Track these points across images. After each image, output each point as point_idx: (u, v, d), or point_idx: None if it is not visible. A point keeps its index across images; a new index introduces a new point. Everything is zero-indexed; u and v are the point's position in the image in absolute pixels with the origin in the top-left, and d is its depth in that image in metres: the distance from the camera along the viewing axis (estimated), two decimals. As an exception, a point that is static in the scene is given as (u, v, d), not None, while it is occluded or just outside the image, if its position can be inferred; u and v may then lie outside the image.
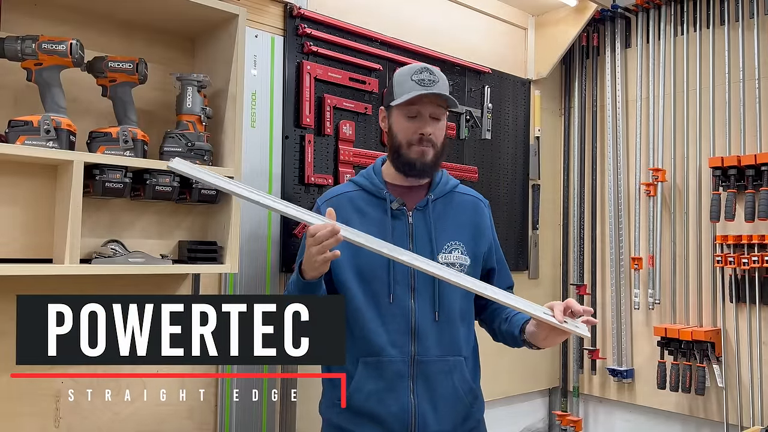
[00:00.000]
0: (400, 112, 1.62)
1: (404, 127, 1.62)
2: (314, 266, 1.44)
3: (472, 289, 1.52)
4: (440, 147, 1.63)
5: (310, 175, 2.19)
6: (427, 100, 1.59)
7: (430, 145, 1.61)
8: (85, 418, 1.74)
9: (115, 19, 1.81)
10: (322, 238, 1.39)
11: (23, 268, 1.49)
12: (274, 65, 2.14)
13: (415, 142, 1.60)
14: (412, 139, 1.60)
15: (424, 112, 1.60)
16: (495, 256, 1.75)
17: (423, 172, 1.63)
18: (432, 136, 1.60)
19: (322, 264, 1.43)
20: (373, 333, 1.57)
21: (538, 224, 3.08)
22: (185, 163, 1.43)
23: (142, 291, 1.85)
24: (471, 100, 2.77)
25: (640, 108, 2.99)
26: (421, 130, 1.59)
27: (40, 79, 1.56)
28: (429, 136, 1.60)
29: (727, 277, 2.66)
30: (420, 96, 1.58)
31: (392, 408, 1.56)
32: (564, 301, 1.50)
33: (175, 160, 1.42)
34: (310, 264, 1.45)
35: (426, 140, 1.60)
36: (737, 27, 2.70)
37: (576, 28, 2.94)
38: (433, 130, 1.60)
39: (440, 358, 1.59)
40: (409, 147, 1.61)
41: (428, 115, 1.60)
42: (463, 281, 1.51)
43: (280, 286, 2.13)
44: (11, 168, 1.62)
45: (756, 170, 2.53)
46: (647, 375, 2.89)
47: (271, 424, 2.08)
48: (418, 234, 1.63)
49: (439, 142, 1.63)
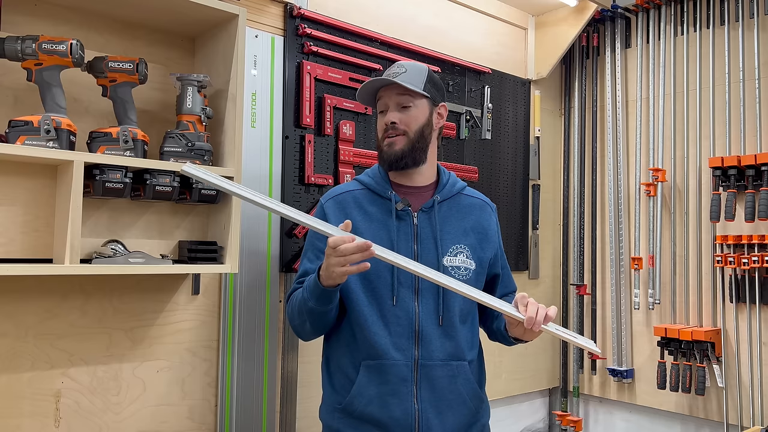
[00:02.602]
0: (377, 112, 1.69)
1: (378, 123, 1.68)
2: (332, 276, 1.42)
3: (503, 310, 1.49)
4: (414, 134, 1.63)
5: (311, 175, 2.19)
6: (389, 92, 1.64)
7: (398, 134, 1.62)
8: (85, 418, 1.74)
9: (115, 19, 1.81)
10: (346, 252, 1.37)
11: (23, 268, 1.48)
12: (274, 65, 2.14)
13: (383, 133, 1.64)
14: (383, 132, 1.65)
15: (389, 103, 1.64)
16: (501, 261, 1.74)
17: (394, 163, 1.63)
18: (398, 124, 1.61)
19: (340, 276, 1.42)
20: (376, 336, 1.54)
21: (538, 224, 3.08)
22: (197, 168, 1.44)
23: (143, 291, 1.85)
24: (471, 100, 2.77)
25: (640, 108, 2.99)
26: (385, 120, 1.63)
27: (40, 79, 1.56)
28: (392, 124, 1.61)
29: (727, 277, 2.66)
30: (382, 88, 1.65)
31: (395, 413, 1.53)
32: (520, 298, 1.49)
33: (187, 165, 1.43)
34: (328, 273, 1.43)
35: (390, 129, 1.62)
36: (737, 27, 2.70)
37: (576, 28, 2.94)
38: (398, 117, 1.62)
39: (444, 362, 1.57)
40: (382, 140, 1.65)
41: (394, 104, 1.63)
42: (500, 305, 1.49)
43: (281, 286, 2.13)
44: (11, 168, 1.62)
45: (756, 170, 2.53)
46: (647, 375, 2.90)
47: (271, 424, 2.08)
48: (423, 236, 1.61)
49: (412, 130, 1.62)
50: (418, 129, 1.63)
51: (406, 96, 1.63)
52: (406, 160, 1.63)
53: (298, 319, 1.60)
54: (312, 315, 1.53)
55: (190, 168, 1.42)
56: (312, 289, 1.49)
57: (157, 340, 1.88)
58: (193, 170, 1.42)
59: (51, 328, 1.69)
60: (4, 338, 1.63)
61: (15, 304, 1.64)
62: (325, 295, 1.48)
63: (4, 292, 1.62)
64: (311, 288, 1.49)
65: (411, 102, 1.63)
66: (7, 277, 1.61)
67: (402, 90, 1.62)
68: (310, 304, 1.51)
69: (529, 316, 1.44)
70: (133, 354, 1.83)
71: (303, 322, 1.58)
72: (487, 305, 1.49)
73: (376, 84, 1.64)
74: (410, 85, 1.61)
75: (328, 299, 1.49)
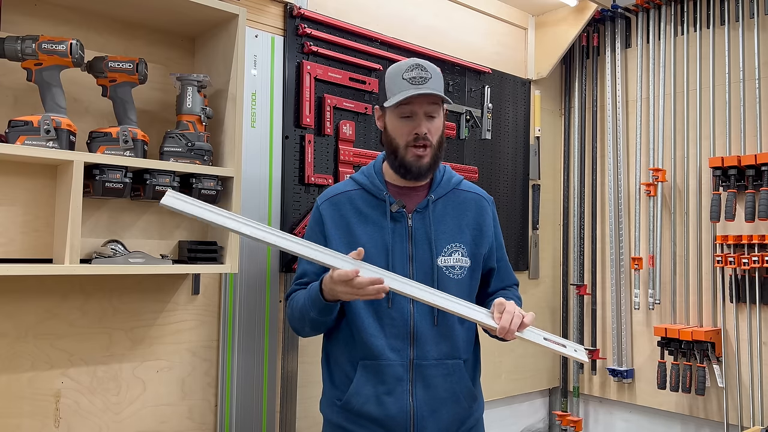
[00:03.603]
0: (394, 112, 1.59)
1: (399, 128, 1.59)
2: (337, 297, 1.47)
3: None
4: (437, 146, 1.60)
5: (311, 175, 2.19)
6: (421, 99, 1.56)
7: (426, 146, 1.57)
8: (85, 418, 1.74)
9: (115, 19, 1.81)
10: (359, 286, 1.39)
11: (23, 268, 1.48)
12: (274, 65, 2.14)
13: (411, 143, 1.57)
14: (408, 140, 1.57)
15: (418, 111, 1.56)
16: (496, 255, 1.73)
17: (420, 175, 1.62)
18: (428, 134, 1.57)
19: (347, 299, 1.48)
20: (372, 337, 1.57)
21: (538, 224, 3.08)
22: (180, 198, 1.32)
23: (143, 291, 1.85)
24: (471, 100, 2.77)
25: (640, 108, 2.99)
26: (416, 130, 1.56)
27: (40, 79, 1.56)
28: (425, 135, 1.56)
29: (727, 277, 2.66)
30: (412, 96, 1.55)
31: (391, 411, 1.56)
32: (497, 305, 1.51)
33: (168, 196, 1.31)
34: (333, 294, 1.47)
35: (422, 140, 1.57)
36: (737, 27, 2.70)
37: (576, 28, 2.94)
38: (428, 128, 1.57)
39: (439, 361, 1.59)
40: (405, 149, 1.58)
41: (422, 113, 1.57)
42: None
43: (281, 286, 2.13)
44: (11, 168, 1.62)
45: (756, 170, 2.52)
46: (647, 375, 2.89)
47: (271, 424, 2.08)
48: (417, 237, 1.61)
49: (436, 141, 1.60)
50: (439, 138, 1.61)
51: (435, 105, 1.58)
52: (432, 170, 1.63)
53: (298, 323, 1.64)
54: (313, 322, 1.59)
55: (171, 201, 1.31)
56: (314, 301, 1.52)
57: (157, 340, 1.88)
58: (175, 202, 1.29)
59: (51, 328, 1.69)
60: (4, 338, 1.63)
61: (15, 304, 1.64)
62: (328, 308, 1.52)
63: (4, 292, 1.62)
64: (313, 300, 1.52)
65: (437, 112, 1.59)
66: (7, 277, 1.61)
67: (435, 99, 1.57)
68: (312, 315, 1.55)
69: (501, 326, 1.47)
70: (133, 354, 1.83)
71: (303, 326, 1.63)
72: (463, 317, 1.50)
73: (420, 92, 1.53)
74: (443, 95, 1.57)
75: (330, 311, 1.54)
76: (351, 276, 1.38)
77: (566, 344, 1.48)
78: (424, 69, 1.57)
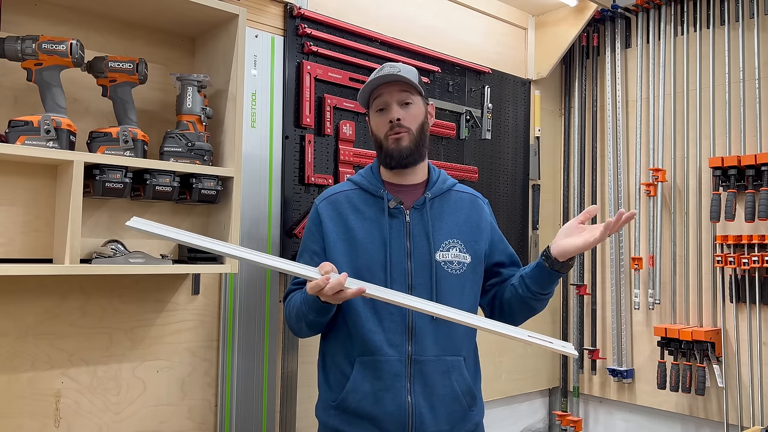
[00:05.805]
0: (373, 111, 1.68)
1: (377, 122, 1.66)
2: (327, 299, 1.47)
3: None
4: (416, 132, 1.65)
5: (311, 175, 2.19)
6: (391, 89, 1.63)
7: (402, 131, 1.62)
8: (85, 418, 1.74)
9: (115, 19, 1.81)
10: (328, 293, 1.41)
11: (23, 268, 1.48)
12: (274, 65, 2.14)
13: (389, 132, 1.63)
14: (386, 130, 1.63)
15: (390, 101, 1.63)
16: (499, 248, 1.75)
17: (403, 159, 1.64)
18: (403, 121, 1.62)
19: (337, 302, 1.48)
20: (370, 332, 1.57)
21: (538, 224, 3.08)
22: (145, 222, 1.41)
23: (143, 291, 1.85)
24: (471, 100, 2.77)
25: (640, 108, 2.99)
26: (389, 117, 1.62)
27: (40, 79, 1.56)
28: (398, 120, 1.62)
29: (727, 277, 2.66)
30: (380, 86, 1.63)
31: (389, 408, 1.55)
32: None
33: (133, 219, 1.41)
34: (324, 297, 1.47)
35: (396, 126, 1.62)
36: (737, 27, 2.70)
37: (576, 28, 2.94)
38: (402, 114, 1.62)
39: (438, 357, 1.59)
40: (386, 139, 1.64)
41: (395, 102, 1.63)
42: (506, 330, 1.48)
43: (281, 285, 2.13)
44: (11, 168, 1.62)
45: (756, 170, 2.53)
46: (647, 375, 2.90)
47: (271, 424, 2.08)
48: (415, 232, 1.63)
49: (414, 127, 1.64)
50: (419, 126, 1.66)
51: (406, 93, 1.64)
52: (414, 156, 1.65)
53: (296, 324, 1.65)
54: (311, 323, 1.59)
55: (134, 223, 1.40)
56: (311, 304, 1.53)
57: (157, 340, 1.88)
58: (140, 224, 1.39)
59: (51, 328, 1.69)
60: (4, 338, 1.63)
61: (15, 304, 1.64)
62: (324, 309, 1.53)
63: (4, 292, 1.62)
64: (310, 303, 1.53)
65: (411, 99, 1.65)
66: (7, 277, 1.61)
67: (404, 86, 1.63)
68: (310, 317, 1.56)
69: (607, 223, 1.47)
70: (133, 354, 1.83)
71: (300, 327, 1.64)
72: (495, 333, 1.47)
73: (384, 79, 1.63)
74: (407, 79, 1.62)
75: (326, 311, 1.54)
76: (321, 285, 1.41)
77: (553, 341, 1.47)
78: (393, 66, 1.65)
